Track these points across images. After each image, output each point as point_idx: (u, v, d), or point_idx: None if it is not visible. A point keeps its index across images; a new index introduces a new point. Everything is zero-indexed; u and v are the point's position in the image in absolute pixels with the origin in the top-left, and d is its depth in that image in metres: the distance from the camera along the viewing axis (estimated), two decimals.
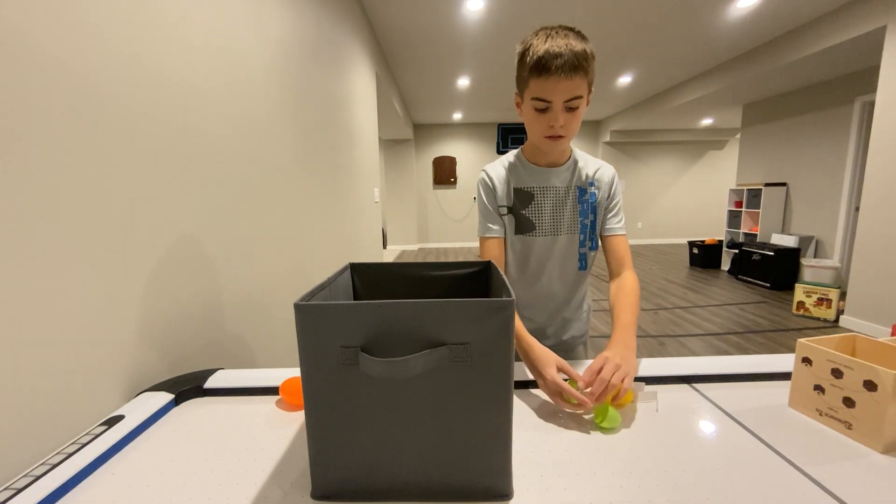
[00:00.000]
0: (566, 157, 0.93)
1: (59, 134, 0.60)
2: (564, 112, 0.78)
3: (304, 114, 1.71)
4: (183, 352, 0.87)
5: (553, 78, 0.74)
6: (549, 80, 0.75)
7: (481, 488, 0.44)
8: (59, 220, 0.60)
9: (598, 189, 0.93)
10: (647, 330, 3.37)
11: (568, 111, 0.78)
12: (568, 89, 0.75)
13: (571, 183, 0.92)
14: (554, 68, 0.73)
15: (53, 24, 0.60)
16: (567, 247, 0.94)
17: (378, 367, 0.40)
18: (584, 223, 0.93)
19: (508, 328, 0.41)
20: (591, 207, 0.93)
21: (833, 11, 3.34)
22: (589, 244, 0.95)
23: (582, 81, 0.76)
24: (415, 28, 3.63)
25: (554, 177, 0.92)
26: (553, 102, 0.77)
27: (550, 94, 0.76)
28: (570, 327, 1.02)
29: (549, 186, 0.92)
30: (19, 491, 0.45)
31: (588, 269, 0.98)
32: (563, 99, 0.76)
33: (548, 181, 0.92)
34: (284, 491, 0.47)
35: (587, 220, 0.93)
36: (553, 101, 0.77)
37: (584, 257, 0.96)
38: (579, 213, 0.93)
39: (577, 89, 0.76)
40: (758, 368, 0.74)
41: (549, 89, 0.76)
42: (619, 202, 0.94)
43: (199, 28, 0.96)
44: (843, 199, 4.24)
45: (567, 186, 0.92)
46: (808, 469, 0.49)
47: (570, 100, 0.76)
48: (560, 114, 0.78)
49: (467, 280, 0.71)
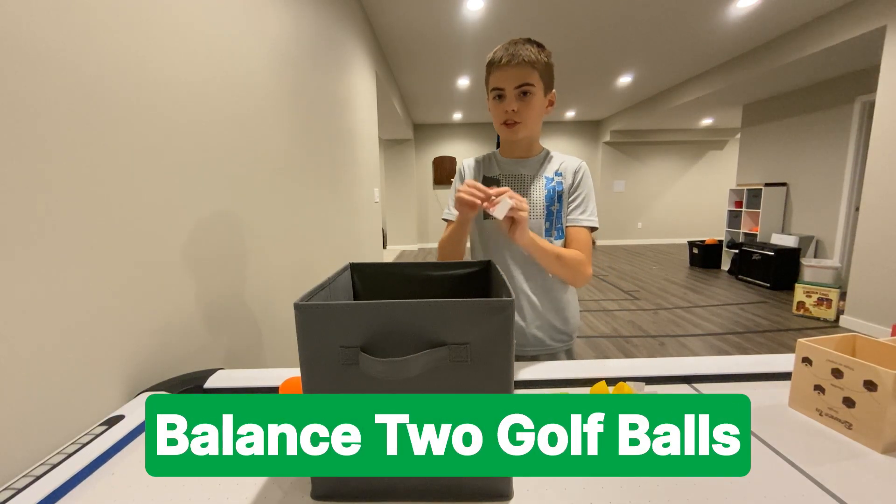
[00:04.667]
0: (536, 152, 1.00)
1: (59, 133, 0.60)
2: (517, 99, 0.89)
3: (305, 114, 1.71)
4: (183, 352, 0.87)
5: (503, 67, 0.87)
6: (500, 70, 0.88)
7: (481, 489, 0.44)
8: (59, 219, 0.60)
9: (563, 178, 0.97)
10: (647, 330, 3.37)
11: (521, 98, 0.89)
12: (517, 76, 0.87)
13: (539, 172, 0.98)
14: (504, 59, 0.87)
15: (53, 24, 0.60)
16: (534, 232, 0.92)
17: (378, 367, 0.40)
18: (550, 209, 0.95)
19: (508, 328, 0.41)
20: (557, 195, 0.96)
21: (833, 11, 3.34)
22: (555, 232, 0.96)
23: (530, 72, 0.87)
24: (415, 28, 3.63)
25: (522, 167, 0.99)
26: (505, 89, 0.89)
27: (503, 81, 0.88)
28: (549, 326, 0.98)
29: (514, 174, 0.99)
30: (19, 491, 0.45)
31: None
32: (514, 84, 0.88)
33: (515, 170, 0.99)
34: (284, 490, 0.47)
35: (553, 206, 0.96)
36: (505, 87, 0.89)
37: None
38: (545, 198, 0.96)
39: (526, 77, 0.87)
40: (758, 368, 0.74)
41: (500, 77, 0.89)
42: (584, 194, 0.96)
43: (198, 28, 0.96)
44: (843, 199, 4.24)
45: (534, 175, 0.98)
46: (808, 469, 0.49)
47: (520, 86, 0.87)
48: (513, 100, 0.89)
49: (467, 280, 0.71)
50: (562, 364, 0.79)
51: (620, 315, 3.79)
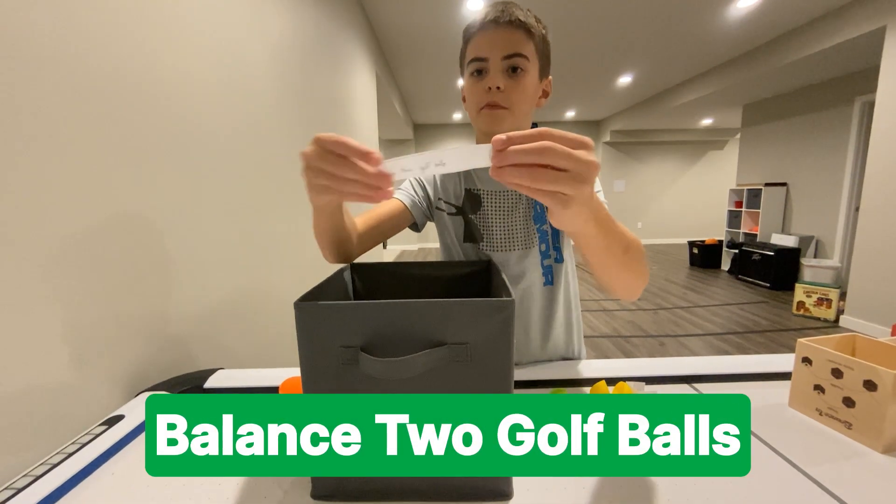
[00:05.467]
0: None
1: (59, 132, 0.60)
2: (505, 75, 0.65)
3: (305, 114, 1.71)
4: (183, 352, 0.87)
5: (489, 28, 0.64)
6: (484, 33, 0.65)
7: (481, 488, 0.44)
8: (59, 219, 0.60)
9: None
10: (647, 330, 3.37)
11: (510, 75, 0.66)
12: (507, 41, 0.64)
13: None
14: (491, 20, 0.64)
15: (53, 24, 0.60)
16: (522, 264, 0.77)
17: (378, 366, 0.40)
18: (542, 230, 0.77)
19: (508, 328, 0.41)
20: None
21: (833, 11, 3.34)
22: (554, 254, 0.77)
23: (525, 40, 0.65)
24: (415, 28, 3.63)
25: None
26: (489, 59, 0.65)
27: (487, 47, 0.65)
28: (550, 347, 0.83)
29: (497, 190, 0.78)
30: (19, 491, 0.45)
31: (559, 286, 0.79)
32: (502, 53, 0.64)
33: (496, 183, 0.76)
34: (284, 490, 0.47)
35: (545, 225, 0.76)
36: (489, 56, 0.65)
37: (550, 271, 0.78)
38: (533, 219, 0.76)
39: (519, 44, 0.64)
40: (758, 368, 0.74)
41: (484, 43, 0.65)
42: None
43: (197, 28, 0.96)
44: (843, 199, 4.24)
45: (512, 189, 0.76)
46: (808, 469, 0.49)
47: (509, 56, 0.64)
48: (499, 75, 0.65)
49: (467, 280, 0.71)
50: (562, 364, 0.79)
51: (620, 315, 3.79)
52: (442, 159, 0.38)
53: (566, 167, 0.33)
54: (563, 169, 0.34)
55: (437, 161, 0.38)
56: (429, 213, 0.84)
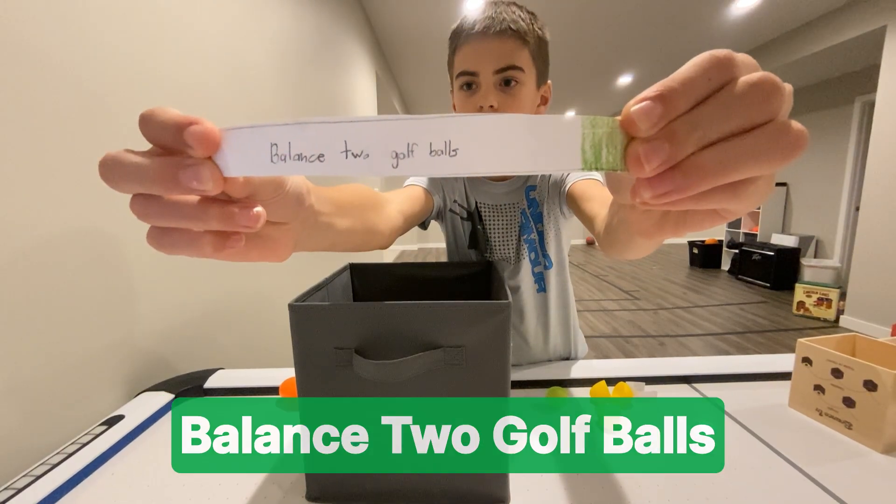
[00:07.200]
0: None
1: (58, 132, 0.60)
2: (497, 90, 0.60)
3: (304, 114, 1.71)
4: (183, 352, 0.87)
5: (478, 39, 0.58)
6: (473, 44, 0.59)
7: (477, 493, 0.44)
8: (59, 219, 0.60)
9: (538, 192, 0.74)
10: (647, 330, 3.37)
11: (502, 89, 0.60)
12: (498, 52, 0.58)
13: (522, 196, 0.75)
14: (480, 26, 0.58)
15: (53, 24, 0.60)
16: (516, 277, 0.78)
17: (371, 369, 0.40)
18: (529, 240, 0.75)
19: (505, 331, 0.41)
20: (535, 216, 0.74)
21: (833, 11, 3.34)
22: (544, 262, 0.76)
23: (518, 48, 0.58)
24: (415, 28, 3.63)
25: (504, 194, 0.75)
26: (479, 73, 0.60)
27: (476, 60, 0.59)
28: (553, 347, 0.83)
29: (498, 205, 0.76)
30: (19, 491, 0.45)
31: (551, 291, 0.79)
32: (493, 68, 0.58)
33: (496, 199, 0.76)
34: (284, 490, 0.47)
35: (532, 235, 0.75)
36: (479, 70, 0.59)
37: (541, 277, 0.78)
38: (521, 230, 0.75)
39: (512, 55, 0.58)
40: (758, 368, 0.74)
41: (472, 55, 0.60)
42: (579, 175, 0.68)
43: (197, 28, 0.96)
44: (843, 199, 4.24)
45: (518, 201, 0.75)
46: (808, 469, 0.49)
47: (502, 70, 0.58)
48: (491, 91, 0.60)
49: (467, 280, 0.71)
50: (562, 364, 0.79)
51: (620, 315, 3.79)
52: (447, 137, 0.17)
53: None
54: None
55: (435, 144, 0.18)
56: (443, 211, 0.80)
